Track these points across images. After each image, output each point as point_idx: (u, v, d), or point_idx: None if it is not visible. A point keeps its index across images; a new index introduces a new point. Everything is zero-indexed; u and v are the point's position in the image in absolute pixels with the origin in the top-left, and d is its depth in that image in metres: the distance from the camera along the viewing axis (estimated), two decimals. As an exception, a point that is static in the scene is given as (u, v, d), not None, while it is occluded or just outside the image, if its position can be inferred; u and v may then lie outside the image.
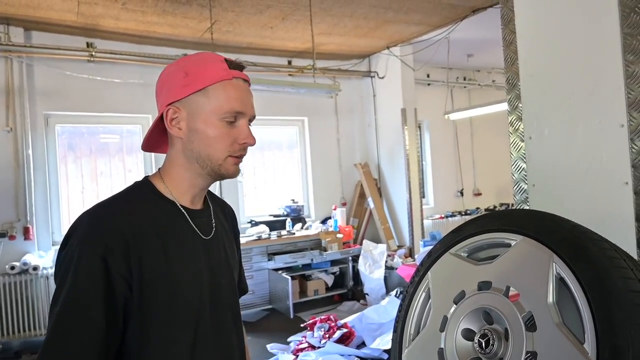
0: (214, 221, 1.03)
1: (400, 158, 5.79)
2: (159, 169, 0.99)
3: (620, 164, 1.02)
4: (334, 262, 5.30)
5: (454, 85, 6.93)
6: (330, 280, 5.30)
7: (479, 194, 7.32)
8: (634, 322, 0.77)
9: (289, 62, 5.74)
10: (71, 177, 4.76)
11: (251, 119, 0.96)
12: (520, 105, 1.24)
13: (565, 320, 0.88)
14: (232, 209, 1.19)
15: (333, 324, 3.81)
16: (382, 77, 6.01)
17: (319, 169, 6.01)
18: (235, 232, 1.16)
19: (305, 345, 3.70)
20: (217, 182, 5.22)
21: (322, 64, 5.67)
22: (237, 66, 0.95)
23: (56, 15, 4.01)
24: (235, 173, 0.96)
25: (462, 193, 7.15)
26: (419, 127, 6.60)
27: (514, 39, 1.24)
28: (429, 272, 1.20)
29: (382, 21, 4.75)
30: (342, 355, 3.19)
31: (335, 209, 5.67)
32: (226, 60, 0.94)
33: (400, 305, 1.26)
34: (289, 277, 4.61)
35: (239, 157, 0.96)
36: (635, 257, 1.01)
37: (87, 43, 4.58)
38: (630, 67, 1.00)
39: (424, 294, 1.20)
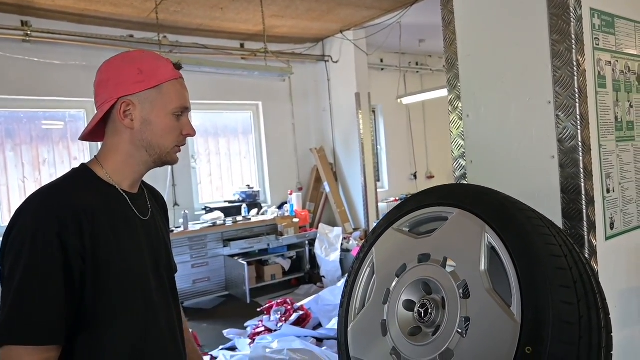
0: (149, 204, 1.12)
1: (355, 142, 5.85)
2: (96, 156, 1.05)
3: (547, 139, 1.08)
4: (290, 247, 5.33)
5: (406, 70, 7.05)
6: (287, 264, 5.32)
7: (432, 177, 7.55)
8: (554, 284, 0.82)
9: (242, 45, 5.63)
10: (10, 166, 4.49)
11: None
12: (459, 84, 1.28)
13: (496, 286, 0.93)
14: (163, 197, 1.28)
15: (289, 307, 3.84)
16: (336, 62, 6.02)
17: (275, 154, 5.97)
18: (166, 218, 1.26)
19: (262, 329, 3.72)
20: (169, 170, 5.09)
21: (276, 48, 5.60)
22: (179, 67, 1.09)
23: (-15, -9, 3.71)
24: (177, 160, 1.10)
25: (415, 176, 7.34)
26: (373, 111, 6.68)
27: (452, 19, 1.28)
28: (373, 248, 1.23)
29: (335, 4, 4.74)
30: (299, 336, 3.23)
31: (291, 194, 5.68)
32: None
33: (346, 281, 1.28)
34: (245, 263, 4.59)
35: (180, 147, 1.09)
36: (561, 225, 1.08)
37: (22, 21, 4.29)
38: (556, 46, 1.05)
39: (368, 269, 1.23)
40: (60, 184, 0.99)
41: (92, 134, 1.08)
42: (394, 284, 1.12)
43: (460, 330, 0.93)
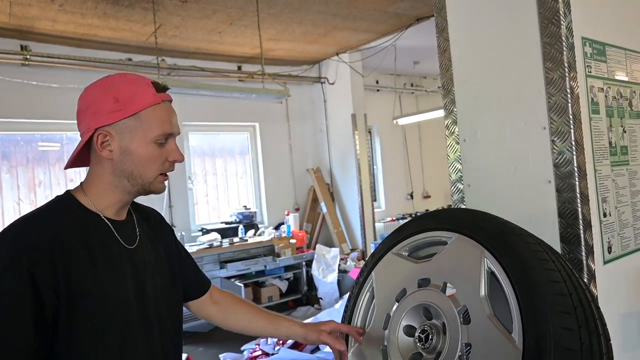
0: (137, 230, 1.06)
1: (352, 162, 5.88)
2: (81, 183, 1.02)
3: (543, 164, 1.10)
4: (287, 268, 5.29)
5: (401, 91, 7.14)
6: (284, 286, 5.27)
7: (428, 197, 7.56)
8: (554, 310, 0.82)
9: (239, 68, 5.70)
10: (5, 188, 4.47)
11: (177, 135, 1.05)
12: (455, 109, 1.30)
13: (496, 311, 0.93)
14: (158, 215, 1.21)
15: (287, 330, 3.79)
16: (332, 83, 6.10)
17: (271, 175, 5.98)
18: (167, 237, 1.18)
19: (259, 352, 3.66)
20: (166, 191, 5.08)
21: (273, 70, 5.67)
22: (163, 88, 1.01)
23: (-15, 15, 3.76)
24: (163, 189, 1.04)
25: (412, 196, 7.36)
26: (369, 132, 6.73)
27: (448, 46, 1.31)
28: (372, 272, 1.23)
29: (331, 28, 4.82)
30: (296, 360, 3.18)
31: (288, 215, 5.67)
32: (152, 83, 0.99)
33: (346, 305, 1.28)
34: (242, 285, 4.55)
35: (167, 174, 1.03)
36: (559, 250, 1.08)
37: (22, 46, 4.34)
38: (549, 74, 1.07)
39: (368, 294, 1.23)
40: (38, 215, 0.95)
41: (78, 160, 1.04)
42: (394, 309, 1.12)
43: (461, 357, 0.93)
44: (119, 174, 0.98)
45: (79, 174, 4.81)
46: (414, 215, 7.04)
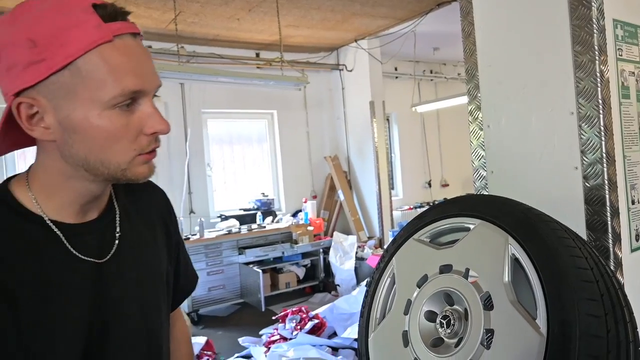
0: (118, 230, 0.74)
1: (370, 150, 5.86)
2: (27, 170, 0.70)
3: (570, 150, 1.08)
4: (305, 255, 5.33)
5: (421, 79, 7.04)
6: (301, 272, 5.32)
7: (446, 185, 7.50)
8: (581, 297, 0.81)
9: (257, 55, 5.69)
10: None
11: (156, 90, 0.66)
12: (479, 94, 1.28)
13: (520, 298, 0.92)
14: (161, 194, 0.89)
15: (304, 316, 3.84)
16: (351, 70, 6.05)
17: (289, 162, 6.00)
18: (168, 221, 0.88)
19: (277, 337, 3.72)
20: (185, 177, 5.14)
21: (291, 57, 5.65)
22: (116, 14, 0.61)
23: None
24: (148, 174, 0.68)
25: (429, 184, 7.30)
26: (388, 119, 6.68)
27: (473, 30, 1.28)
28: (393, 258, 1.23)
29: (349, 14, 4.77)
30: (314, 345, 3.22)
31: (305, 202, 5.69)
32: (95, 6, 0.59)
33: (367, 291, 1.28)
34: (260, 271, 4.61)
35: (151, 152, 0.67)
36: (585, 237, 1.07)
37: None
38: (579, 58, 1.05)
39: (389, 280, 1.23)
40: None
41: (11, 140, 0.68)
42: (415, 294, 1.12)
43: (483, 343, 0.93)
44: (71, 160, 0.64)
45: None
46: (431, 204, 6.99)
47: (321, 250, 5.38)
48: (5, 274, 0.61)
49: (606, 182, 1.03)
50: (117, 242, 0.73)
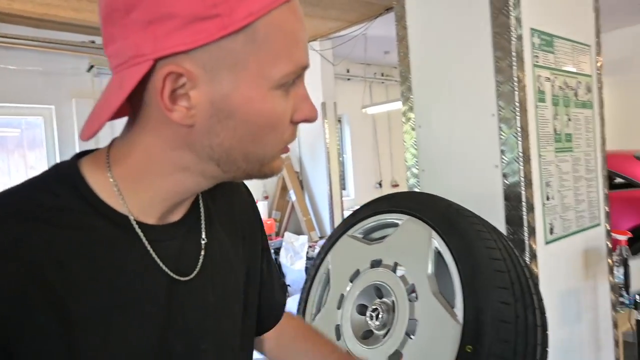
0: (204, 237, 0.56)
1: (321, 151, 5.90)
2: (108, 150, 0.51)
3: (491, 149, 1.15)
4: (277, 250, 5.29)
5: (372, 81, 7.18)
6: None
7: (397, 185, 7.68)
8: (493, 285, 0.87)
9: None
10: (-41, 174, 4.28)
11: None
12: (412, 96, 1.34)
13: (442, 288, 0.97)
14: (245, 192, 0.71)
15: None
16: (303, 71, 6.07)
17: (241, 163, 5.94)
18: (253, 226, 0.69)
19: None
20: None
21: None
22: None
23: None
24: (281, 168, 0.55)
25: (380, 184, 7.45)
26: (340, 120, 6.77)
27: (406, 34, 1.33)
28: (328, 255, 1.26)
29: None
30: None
31: (257, 203, 5.65)
32: None
33: (303, 287, 1.30)
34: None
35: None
36: (504, 231, 1.14)
37: (-24, 24, 4.13)
38: (499, 63, 1.12)
39: (324, 276, 1.26)
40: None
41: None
42: (347, 289, 1.15)
43: (408, 332, 0.97)
44: (205, 151, 0.48)
45: (39, 160, 4.64)
46: (382, 204, 7.14)
47: (272, 251, 5.36)
48: (66, 289, 0.45)
49: (522, 179, 1.10)
50: (202, 253, 0.55)
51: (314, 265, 1.30)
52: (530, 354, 0.86)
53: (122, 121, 0.53)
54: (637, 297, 1.20)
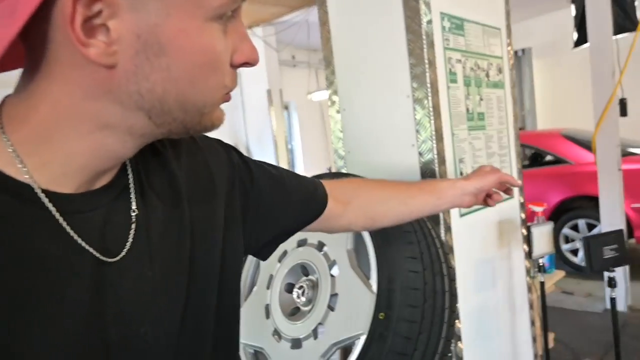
0: (134, 207, 0.47)
1: (268, 139, 5.89)
2: (0, 107, 0.42)
3: (407, 129, 1.21)
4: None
5: (317, 67, 7.20)
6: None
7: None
8: (403, 256, 0.93)
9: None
10: None
11: None
12: (335, 80, 1.37)
13: (360, 262, 1.03)
14: (220, 148, 0.61)
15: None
16: (247, 58, 6.00)
17: (186, 153, 5.83)
18: (235, 167, 0.60)
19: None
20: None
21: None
22: None
23: None
24: (223, 120, 0.48)
25: (330, 170, 7.55)
26: (286, 107, 6.76)
27: (327, 18, 1.36)
28: (258, 237, 1.29)
29: None
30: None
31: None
32: None
33: (236, 271, 1.33)
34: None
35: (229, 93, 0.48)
36: (422, 206, 1.20)
37: None
38: (411, 45, 1.17)
39: (254, 258, 1.28)
40: None
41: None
42: (276, 269, 1.19)
43: (330, 306, 1.02)
44: (132, 100, 0.41)
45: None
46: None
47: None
48: None
49: (435, 157, 1.17)
50: (134, 226, 0.46)
51: (244, 249, 1.32)
52: (438, 317, 0.93)
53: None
54: (540, 261, 1.31)
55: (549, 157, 4.67)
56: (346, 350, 0.96)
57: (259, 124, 5.93)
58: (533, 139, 4.88)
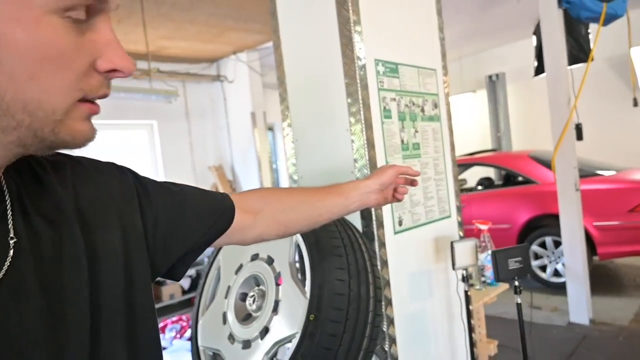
0: (11, 234, 0.44)
1: (253, 159, 6.07)
2: None
3: (347, 159, 1.40)
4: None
5: (301, 90, 7.46)
6: (187, 283, 5.33)
7: (330, 190, 7.99)
8: (332, 266, 1.11)
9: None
10: None
11: (115, 9, 0.44)
12: (289, 114, 1.57)
13: (300, 273, 1.20)
14: (87, 162, 0.57)
15: (185, 324, 3.91)
16: (232, 82, 6.22)
17: (172, 173, 5.98)
18: (131, 188, 0.59)
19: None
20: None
21: (170, 67, 5.66)
22: None
23: None
24: (90, 135, 0.44)
25: (314, 189, 7.73)
26: (271, 129, 6.96)
27: (282, 60, 1.56)
28: (219, 254, 1.46)
29: (224, 28, 4.96)
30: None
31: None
32: None
33: (199, 283, 1.49)
34: (140, 284, 4.55)
35: (95, 101, 0.45)
36: (360, 225, 1.39)
37: None
38: (349, 88, 1.37)
39: (216, 271, 1.45)
40: None
41: None
42: (233, 280, 1.36)
43: (274, 310, 1.19)
44: None
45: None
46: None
47: (205, 259, 5.44)
48: None
49: (370, 182, 1.35)
50: (11, 252, 0.43)
51: (208, 263, 1.49)
52: (362, 319, 1.10)
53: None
54: (463, 271, 1.50)
55: (520, 178, 4.91)
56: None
57: (243, 145, 6.13)
58: (504, 160, 5.14)
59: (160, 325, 3.98)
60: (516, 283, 1.39)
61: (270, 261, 1.29)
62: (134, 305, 0.52)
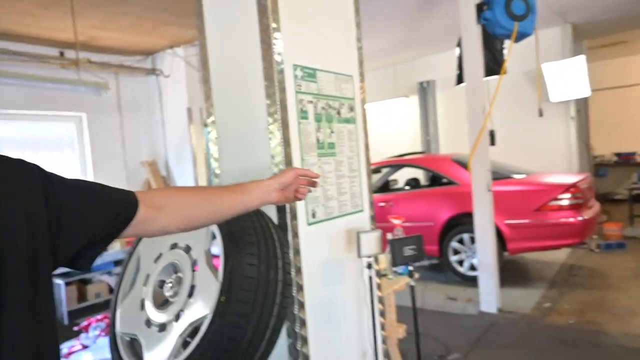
0: None
1: (188, 155, 6.01)
2: None
3: (265, 155, 1.51)
4: (118, 263, 5.20)
5: (240, 88, 7.45)
6: (114, 281, 5.19)
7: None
8: (243, 252, 1.21)
9: (61, 54, 5.35)
10: None
11: None
12: (213, 111, 1.65)
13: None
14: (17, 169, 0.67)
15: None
16: (168, 76, 6.11)
17: (102, 168, 5.77)
18: (37, 181, 0.67)
19: (79, 347, 3.63)
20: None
21: (102, 58, 5.47)
22: None
23: None
24: None
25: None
26: (207, 125, 6.91)
27: (207, 60, 1.64)
28: (140, 244, 1.51)
29: (160, 22, 4.88)
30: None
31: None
32: None
33: (119, 273, 1.53)
34: (62, 283, 4.38)
35: None
36: (275, 218, 1.50)
37: None
38: (268, 90, 1.48)
39: (134, 262, 1.51)
40: None
41: None
42: (152, 268, 1.42)
43: (189, 295, 1.27)
44: None
45: None
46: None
47: (136, 256, 5.32)
48: None
49: (285, 177, 1.47)
50: None
51: (128, 254, 1.53)
52: (270, 300, 1.21)
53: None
54: (368, 259, 1.66)
55: (444, 179, 5.26)
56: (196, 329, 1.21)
57: (178, 140, 6.05)
58: (430, 162, 5.49)
59: (84, 323, 3.86)
60: (410, 268, 1.57)
61: (187, 249, 1.37)
62: (38, 283, 0.62)
